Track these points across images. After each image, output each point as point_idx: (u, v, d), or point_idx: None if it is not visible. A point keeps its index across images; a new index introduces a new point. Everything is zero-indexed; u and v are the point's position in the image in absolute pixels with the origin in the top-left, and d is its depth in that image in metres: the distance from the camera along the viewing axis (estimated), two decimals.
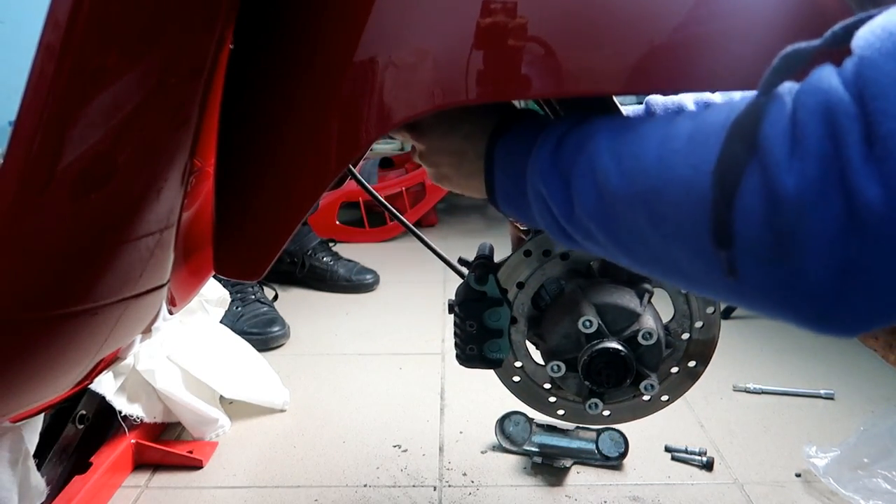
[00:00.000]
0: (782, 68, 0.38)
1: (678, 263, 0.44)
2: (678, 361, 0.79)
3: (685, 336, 0.78)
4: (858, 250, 0.34)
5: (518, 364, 0.81)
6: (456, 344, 0.80)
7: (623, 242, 0.47)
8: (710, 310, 0.76)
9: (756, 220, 0.37)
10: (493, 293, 0.76)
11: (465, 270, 0.78)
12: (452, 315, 0.79)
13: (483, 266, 0.75)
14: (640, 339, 0.72)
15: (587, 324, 0.71)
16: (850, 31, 0.36)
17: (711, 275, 0.41)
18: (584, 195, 0.48)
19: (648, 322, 0.73)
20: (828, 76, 0.36)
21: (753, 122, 0.38)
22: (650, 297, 0.75)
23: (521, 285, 0.77)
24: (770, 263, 0.38)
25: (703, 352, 0.78)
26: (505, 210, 0.59)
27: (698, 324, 0.77)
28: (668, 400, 0.81)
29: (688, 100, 0.81)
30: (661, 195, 0.42)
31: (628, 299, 0.74)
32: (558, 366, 0.75)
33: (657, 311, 0.76)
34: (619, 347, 0.71)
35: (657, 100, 0.81)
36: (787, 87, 0.38)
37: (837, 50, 0.37)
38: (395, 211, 0.91)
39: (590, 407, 0.76)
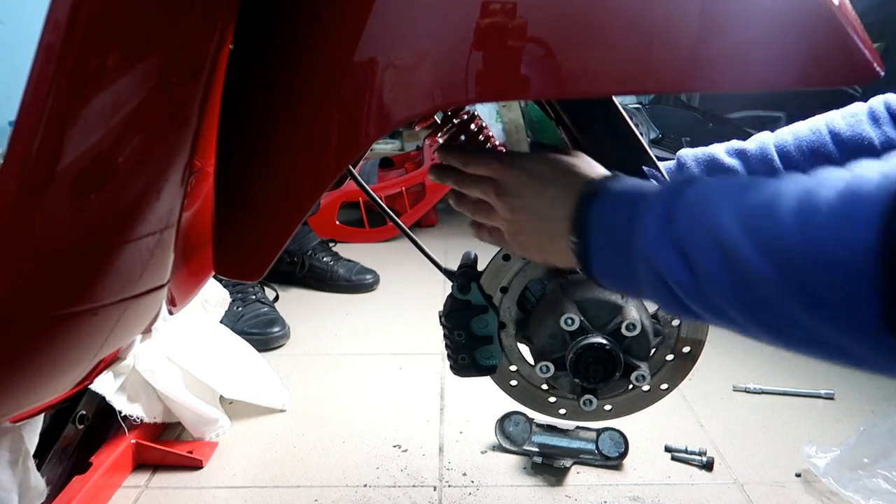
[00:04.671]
0: None
1: (841, 346, 0.40)
2: (672, 348, 0.78)
3: (675, 322, 0.77)
4: None
5: (513, 368, 0.81)
6: (448, 355, 0.79)
7: (770, 325, 0.43)
8: None
9: None
10: (478, 300, 0.76)
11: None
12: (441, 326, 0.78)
13: (465, 275, 0.75)
14: (623, 330, 0.72)
15: (569, 321, 0.71)
16: None
17: (886, 357, 0.39)
18: (714, 274, 0.44)
19: (632, 313, 0.72)
20: None
21: None
22: None
23: (504, 290, 0.77)
24: None
25: (695, 336, 0.77)
26: (606, 284, 0.56)
27: None
28: (667, 388, 0.81)
29: (718, 150, 0.79)
30: (815, 278, 0.39)
31: (609, 293, 0.73)
32: (546, 366, 0.75)
33: (642, 301, 0.76)
34: (604, 341, 0.71)
35: (687, 153, 0.79)
36: None
37: None
38: (389, 211, 0.91)
39: (584, 404, 0.76)
